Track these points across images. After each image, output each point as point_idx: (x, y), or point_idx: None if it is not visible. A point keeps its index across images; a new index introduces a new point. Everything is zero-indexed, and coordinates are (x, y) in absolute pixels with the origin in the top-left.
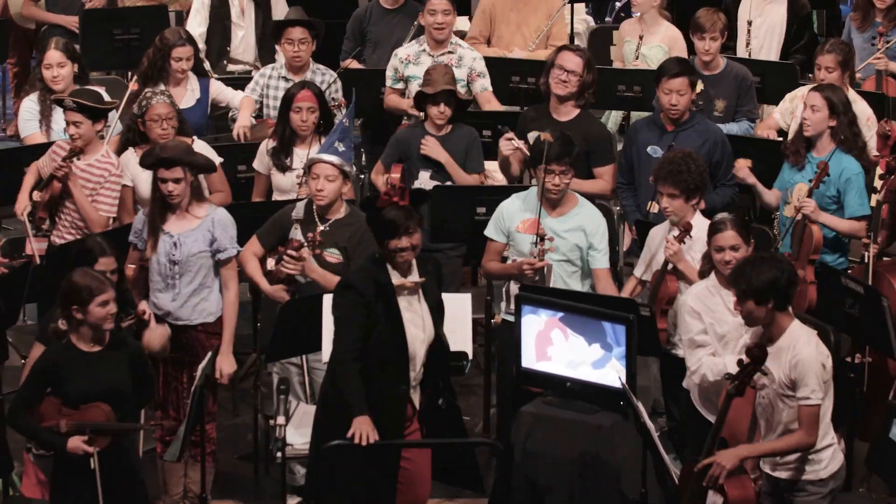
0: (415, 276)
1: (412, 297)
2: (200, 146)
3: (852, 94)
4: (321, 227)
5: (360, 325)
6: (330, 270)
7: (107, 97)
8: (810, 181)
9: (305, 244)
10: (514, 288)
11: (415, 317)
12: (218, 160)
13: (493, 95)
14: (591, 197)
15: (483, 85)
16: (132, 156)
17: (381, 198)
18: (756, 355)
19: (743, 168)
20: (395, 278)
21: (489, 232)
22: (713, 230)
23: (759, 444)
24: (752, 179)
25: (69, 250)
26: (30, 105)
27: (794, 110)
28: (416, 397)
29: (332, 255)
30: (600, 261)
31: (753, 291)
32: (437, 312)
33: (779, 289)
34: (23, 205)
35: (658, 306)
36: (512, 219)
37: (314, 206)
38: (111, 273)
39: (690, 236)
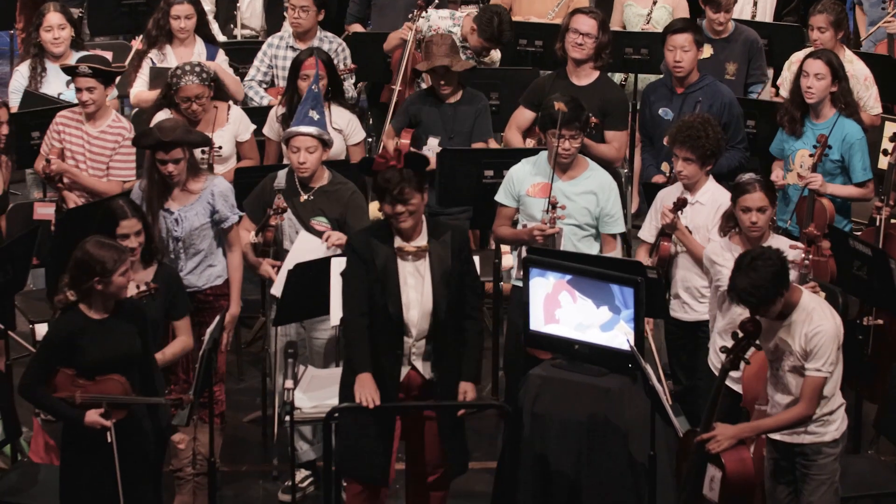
0: (420, 242)
1: (418, 262)
2: (236, 113)
3: (848, 55)
4: (304, 196)
5: (361, 283)
6: (318, 238)
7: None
8: (814, 147)
9: (270, 214)
10: (525, 254)
11: (417, 283)
12: (251, 128)
13: None
14: (600, 160)
15: None
16: (167, 115)
17: (376, 160)
18: (749, 329)
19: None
20: (398, 241)
21: (499, 197)
22: (741, 191)
23: (760, 423)
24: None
25: (85, 214)
26: (17, 76)
27: (792, 76)
28: (424, 369)
29: (320, 224)
30: (612, 226)
31: (766, 300)
32: (445, 282)
33: (782, 277)
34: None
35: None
36: (522, 183)
37: (296, 176)
38: (136, 235)
39: (682, 212)
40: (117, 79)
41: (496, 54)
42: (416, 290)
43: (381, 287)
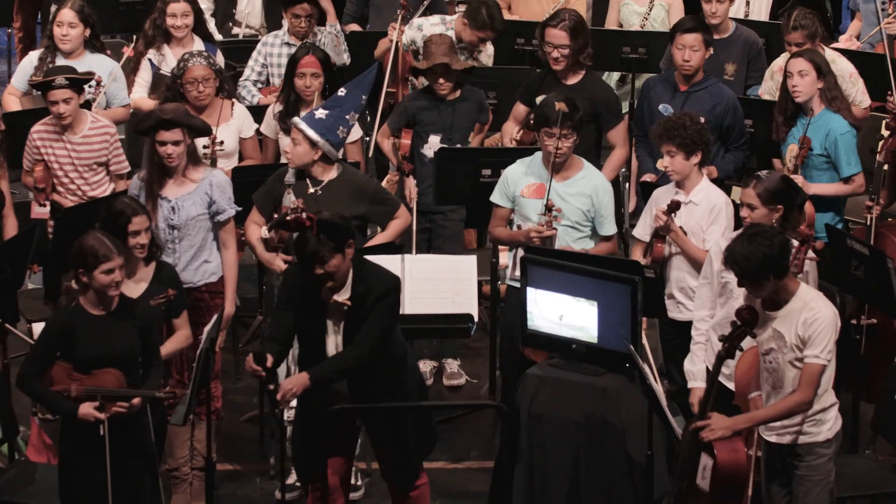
0: (343, 296)
1: (337, 313)
2: (240, 109)
3: (830, 54)
4: (311, 190)
5: (285, 316)
6: None
7: (110, 61)
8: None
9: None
10: (521, 254)
11: (336, 331)
12: (254, 126)
13: None
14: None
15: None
16: None
17: (289, 220)
18: (746, 318)
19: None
20: (324, 292)
21: (495, 198)
22: (743, 185)
23: (756, 413)
24: None
25: (84, 213)
26: (26, 62)
27: (777, 85)
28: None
29: None
30: (606, 228)
31: (750, 273)
32: (358, 337)
33: (773, 262)
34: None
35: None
36: (517, 184)
37: (306, 171)
38: (146, 231)
39: (674, 214)
40: (111, 78)
41: (489, 48)
42: (336, 336)
43: (306, 328)
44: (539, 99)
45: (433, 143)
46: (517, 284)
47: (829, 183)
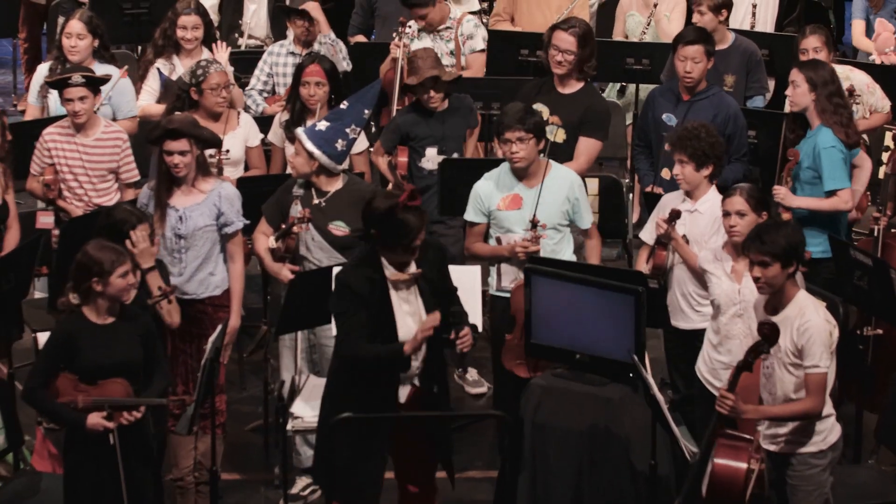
0: (412, 269)
1: (409, 289)
2: (246, 118)
3: (842, 69)
4: (316, 201)
5: (361, 317)
6: (335, 243)
7: (116, 70)
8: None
9: (295, 222)
10: (504, 266)
11: (413, 310)
12: (259, 136)
13: (480, 57)
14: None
15: (471, 46)
16: None
17: (399, 202)
18: (766, 333)
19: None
20: (390, 272)
21: (469, 215)
22: (725, 195)
23: (766, 407)
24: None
25: (89, 223)
26: (36, 76)
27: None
28: (426, 384)
29: (338, 228)
30: (584, 220)
31: (783, 253)
32: (436, 302)
33: (794, 251)
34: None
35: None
36: (490, 199)
37: (312, 181)
38: (149, 237)
39: (675, 223)
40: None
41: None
42: (412, 316)
43: (375, 321)
44: (535, 107)
45: (430, 156)
46: (502, 294)
47: (814, 197)
